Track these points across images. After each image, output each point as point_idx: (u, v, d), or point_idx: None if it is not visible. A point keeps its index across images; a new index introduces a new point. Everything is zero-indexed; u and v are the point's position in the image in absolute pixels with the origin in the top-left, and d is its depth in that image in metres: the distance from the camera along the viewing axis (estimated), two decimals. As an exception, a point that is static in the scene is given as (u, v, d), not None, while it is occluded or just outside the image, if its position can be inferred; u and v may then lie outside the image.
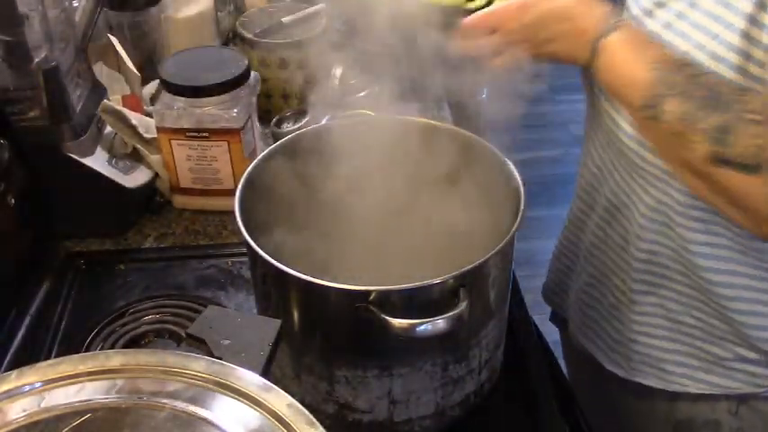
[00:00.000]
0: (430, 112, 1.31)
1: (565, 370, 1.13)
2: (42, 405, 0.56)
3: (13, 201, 1.05)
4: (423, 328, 0.74)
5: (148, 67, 1.39)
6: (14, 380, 0.57)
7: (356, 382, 0.82)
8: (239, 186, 0.86)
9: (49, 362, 0.59)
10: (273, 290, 0.84)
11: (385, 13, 0.95)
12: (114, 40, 1.34)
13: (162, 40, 1.44)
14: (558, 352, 1.16)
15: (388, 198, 0.99)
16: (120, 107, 1.19)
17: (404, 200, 0.98)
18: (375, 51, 1.18)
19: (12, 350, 1.00)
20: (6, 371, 0.60)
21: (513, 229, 0.81)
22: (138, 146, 1.20)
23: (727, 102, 0.78)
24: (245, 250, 0.88)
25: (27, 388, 0.57)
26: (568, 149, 3.10)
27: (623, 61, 0.84)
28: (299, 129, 1.09)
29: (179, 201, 1.24)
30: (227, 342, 0.65)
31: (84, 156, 1.13)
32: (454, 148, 0.94)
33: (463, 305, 0.75)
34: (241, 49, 1.36)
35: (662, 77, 0.80)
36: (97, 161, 1.14)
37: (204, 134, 1.15)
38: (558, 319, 1.22)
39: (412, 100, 1.11)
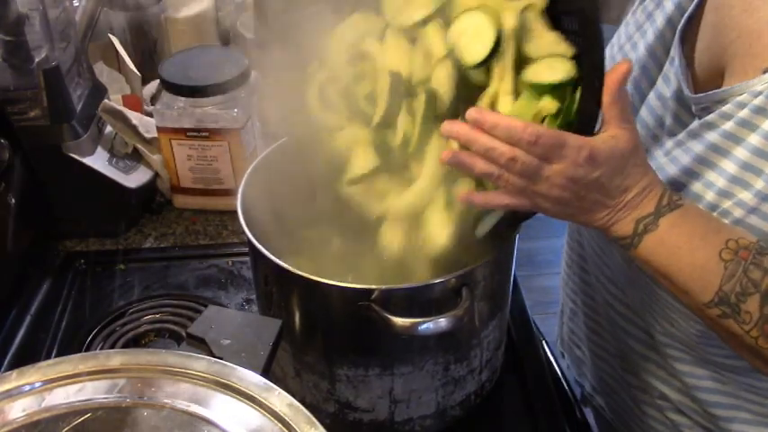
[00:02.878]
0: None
1: (563, 365, 1.13)
2: (42, 405, 0.56)
3: (13, 201, 1.05)
4: (424, 326, 0.73)
5: (148, 67, 1.39)
6: (14, 379, 0.57)
7: (357, 381, 0.82)
8: (241, 186, 0.86)
9: (49, 362, 0.59)
10: (275, 289, 0.84)
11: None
12: (114, 39, 1.34)
13: (162, 40, 1.44)
14: (557, 351, 1.16)
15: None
16: (120, 107, 1.19)
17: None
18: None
19: (12, 350, 1.00)
20: (6, 371, 0.59)
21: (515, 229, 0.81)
22: (139, 146, 1.20)
23: None
24: (245, 250, 0.88)
25: (27, 388, 0.57)
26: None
27: (683, 247, 0.71)
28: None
29: (179, 201, 1.24)
30: (227, 342, 0.65)
31: (85, 156, 1.13)
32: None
33: (465, 305, 0.75)
34: (241, 48, 1.36)
35: (737, 272, 0.70)
36: (97, 161, 1.14)
37: (204, 134, 1.15)
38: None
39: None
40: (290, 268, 0.78)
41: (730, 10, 0.76)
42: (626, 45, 0.88)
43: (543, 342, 1.06)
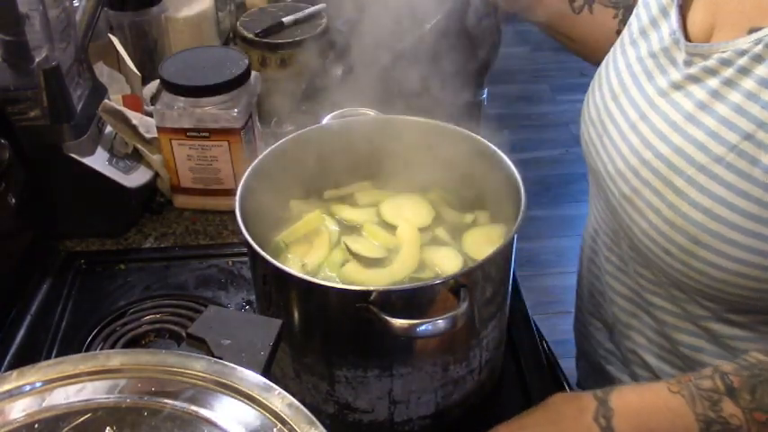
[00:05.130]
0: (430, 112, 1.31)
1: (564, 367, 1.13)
2: (43, 405, 0.56)
3: (13, 201, 1.05)
4: (423, 328, 0.73)
5: (148, 67, 1.39)
6: (15, 380, 0.57)
7: (356, 382, 0.82)
8: (240, 186, 0.86)
9: (50, 362, 0.59)
10: (274, 290, 0.84)
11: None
12: (115, 39, 1.34)
13: (162, 40, 1.44)
14: (557, 351, 1.16)
15: (387, 198, 0.99)
16: (120, 107, 1.19)
17: (404, 200, 0.98)
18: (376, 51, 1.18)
19: (12, 350, 1.00)
20: (6, 371, 0.59)
21: (514, 229, 0.81)
22: (139, 146, 1.20)
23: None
24: (245, 250, 0.88)
25: (27, 388, 0.57)
26: (568, 149, 3.10)
27: (643, 408, 0.77)
28: (298, 129, 1.09)
29: (179, 200, 1.24)
30: (227, 342, 0.64)
31: (85, 156, 1.13)
32: (454, 147, 0.94)
33: (464, 305, 0.75)
34: (241, 48, 1.36)
35: (694, 393, 0.76)
36: (97, 161, 1.14)
37: (205, 134, 1.15)
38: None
39: (412, 100, 1.11)
40: (288, 269, 0.78)
41: None
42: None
43: (543, 342, 1.06)
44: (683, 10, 0.83)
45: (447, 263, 0.88)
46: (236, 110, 1.14)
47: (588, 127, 0.95)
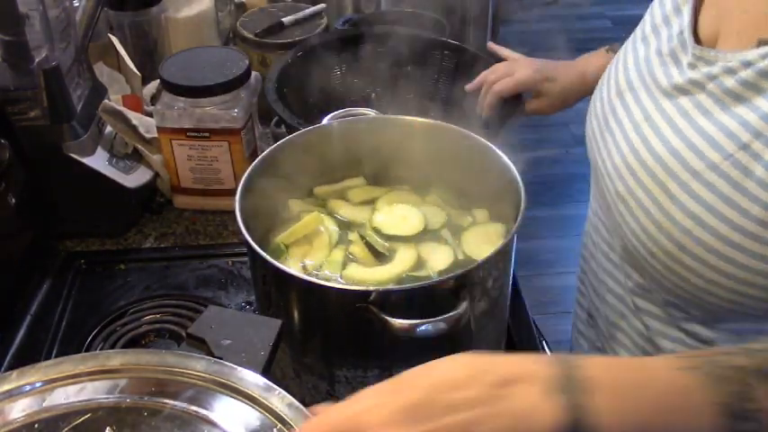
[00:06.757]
0: (430, 112, 1.31)
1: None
2: (43, 405, 0.56)
3: (13, 201, 1.05)
4: (423, 328, 0.73)
5: (148, 67, 1.39)
6: (15, 380, 0.57)
7: (356, 382, 0.82)
8: (240, 186, 0.86)
9: (50, 362, 0.59)
10: (274, 290, 0.84)
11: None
12: (115, 39, 1.34)
13: (162, 40, 1.44)
14: (557, 352, 1.16)
15: (387, 198, 0.99)
16: (120, 107, 1.19)
17: (403, 200, 0.98)
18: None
19: (12, 350, 1.00)
20: (6, 371, 0.59)
21: (514, 229, 0.81)
22: (139, 146, 1.20)
23: None
24: (245, 250, 0.88)
25: (27, 388, 0.57)
26: (568, 149, 3.10)
27: (639, 381, 0.56)
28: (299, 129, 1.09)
29: (179, 201, 1.24)
30: (227, 342, 0.65)
31: (85, 156, 1.13)
32: (454, 147, 0.94)
33: (464, 305, 0.75)
34: (241, 48, 1.36)
35: (713, 372, 0.56)
36: (97, 161, 1.14)
37: (205, 134, 1.15)
38: None
39: (412, 100, 1.12)
40: (288, 270, 0.78)
41: None
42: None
43: (543, 342, 1.06)
44: (697, 10, 0.83)
45: (436, 258, 0.88)
46: (236, 110, 1.14)
47: (592, 121, 0.95)
